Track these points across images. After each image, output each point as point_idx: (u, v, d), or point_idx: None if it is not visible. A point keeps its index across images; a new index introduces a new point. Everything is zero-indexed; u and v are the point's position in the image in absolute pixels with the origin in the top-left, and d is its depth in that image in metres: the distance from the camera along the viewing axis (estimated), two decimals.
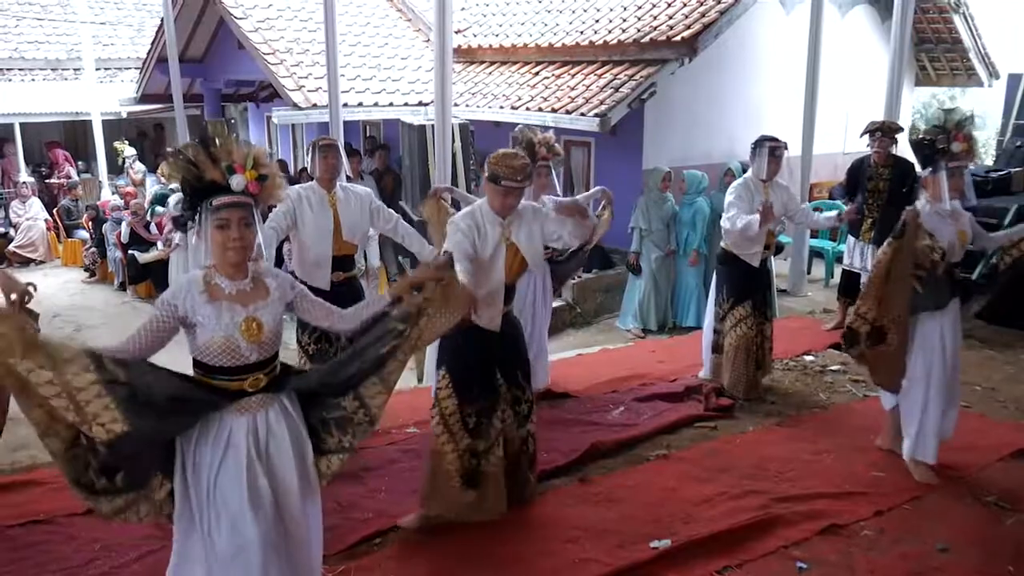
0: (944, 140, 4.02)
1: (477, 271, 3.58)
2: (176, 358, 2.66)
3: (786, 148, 5.32)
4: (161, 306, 2.57)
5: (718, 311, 5.48)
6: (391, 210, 4.87)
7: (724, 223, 5.29)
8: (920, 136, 4.13)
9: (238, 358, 2.61)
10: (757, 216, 5.02)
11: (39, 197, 14.21)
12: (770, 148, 5.22)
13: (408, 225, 4.96)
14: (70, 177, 15.34)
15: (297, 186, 4.76)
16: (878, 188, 6.45)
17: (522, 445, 3.93)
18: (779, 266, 8.27)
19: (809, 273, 8.90)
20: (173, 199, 11.96)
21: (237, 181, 2.56)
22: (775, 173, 5.29)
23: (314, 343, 4.64)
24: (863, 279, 6.62)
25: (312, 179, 4.78)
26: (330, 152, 4.65)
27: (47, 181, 15.55)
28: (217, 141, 2.60)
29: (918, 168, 4.33)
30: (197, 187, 2.58)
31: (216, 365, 2.61)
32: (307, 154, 4.80)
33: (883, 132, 6.39)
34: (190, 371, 2.66)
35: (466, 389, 3.73)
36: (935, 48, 11.59)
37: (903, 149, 6.38)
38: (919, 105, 14.89)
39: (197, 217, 2.62)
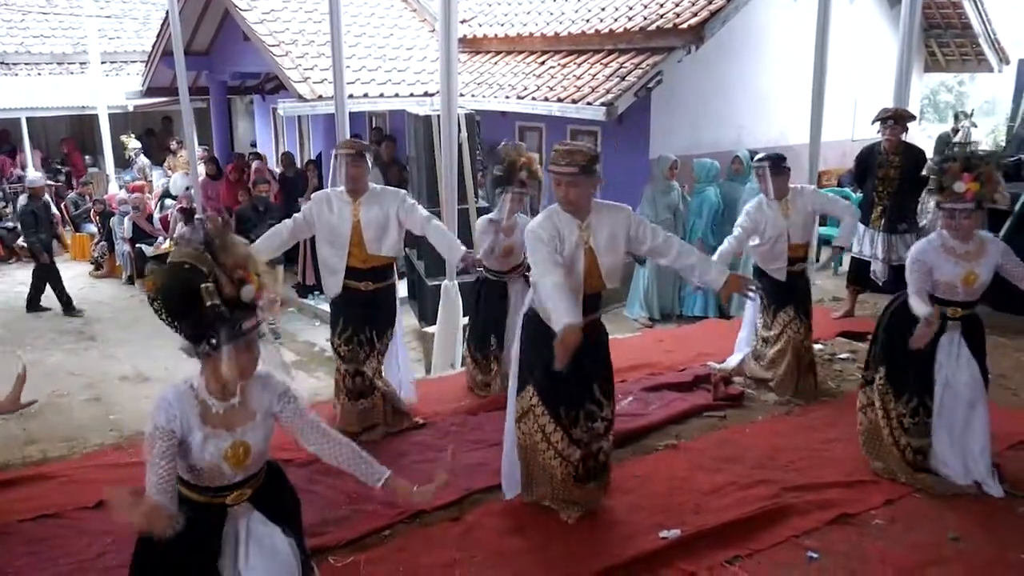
0: (938, 181, 3.75)
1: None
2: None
3: (781, 161, 5.06)
4: (162, 436, 2.31)
5: (765, 319, 5.33)
6: (422, 211, 4.59)
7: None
8: (933, 166, 3.85)
9: (222, 480, 2.43)
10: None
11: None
12: (768, 167, 5.04)
13: (441, 224, 4.73)
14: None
15: (327, 190, 4.63)
16: (888, 175, 6.42)
17: (593, 459, 3.74)
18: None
19: (818, 261, 8.85)
20: (175, 183, 11.97)
21: (248, 292, 2.26)
22: (783, 191, 5.07)
23: (344, 344, 4.60)
24: (872, 267, 6.63)
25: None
26: (350, 161, 4.39)
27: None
28: (222, 242, 2.29)
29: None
30: (223, 311, 2.24)
31: (196, 484, 2.43)
32: (333, 160, 4.56)
33: (895, 120, 6.35)
34: None
35: (555, 401, 3.61)
36: (944, 34, 11.50)
37: (913, 136, 6.34)
38: (928, 91, 14.77)
39: (209, 340, 2.28)
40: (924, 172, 3.98)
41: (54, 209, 13.61)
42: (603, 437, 3.74)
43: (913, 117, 6.63)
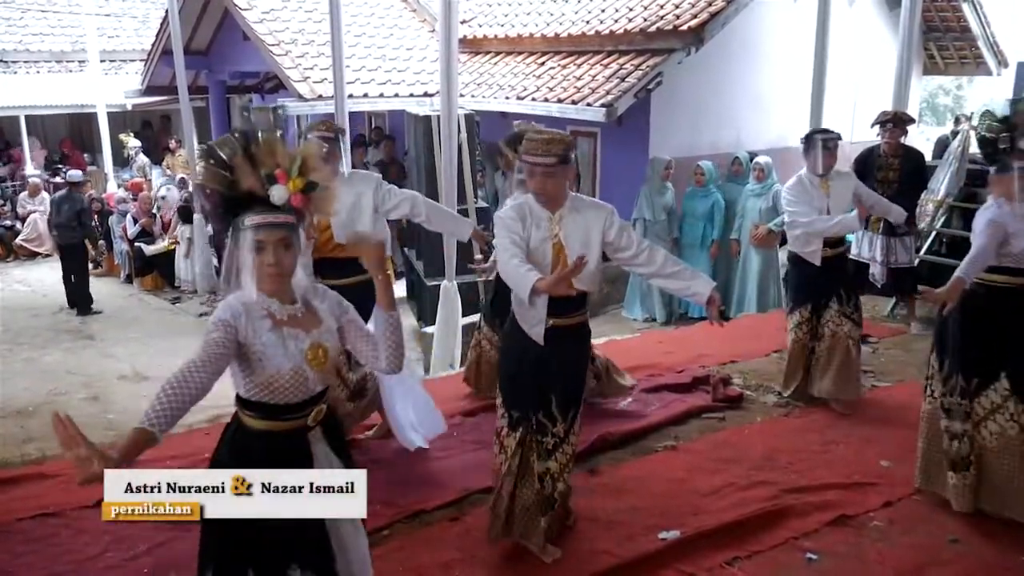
0: (1008, 139, 3.54)
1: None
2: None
3: (839, 139, 4.93)
4: (219, 326, 2.21)
5: (787, 313, 5.22)
6: (403, 190, 4.37)
7: (793, 228, 4.90)
8: (984, 132, 3.66)
9: (305, 391, 2.32)
10: (854, 214, 4.62)
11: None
12: (822, 141, 4.85)
13: (433, 202, 4.48)
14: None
15: None
16: (888, 178, 6.41)
17: (539, 482, 3.37)
18: (785, 255, 8.23)
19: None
20: (163, 190, 12.00)
21: (278, 193, 2.20)
22: (830, 167, 4.88)
23: None
24: (871, 269, 6.63)
25: None
26: (322, 144, 3.99)
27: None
28: (260, 138, 2.23)
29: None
30: (229, 198, 2.23)
31: (281, 403, 2.30)
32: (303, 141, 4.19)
33: (894, 123, 6.35)
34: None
35: (511, 399, 3.36)
36: (944, 36, 11.52)
37: (912, 139, 6.34)
38: (926, 94, 14.79)
39: (230, 232, 2.27)
40: (984, 133, 3.72)
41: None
42: (551, 455, 3.34)
43: (913, 120, 6.63)
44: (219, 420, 5.17)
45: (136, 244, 11.37)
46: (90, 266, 12.52)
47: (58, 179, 15.42)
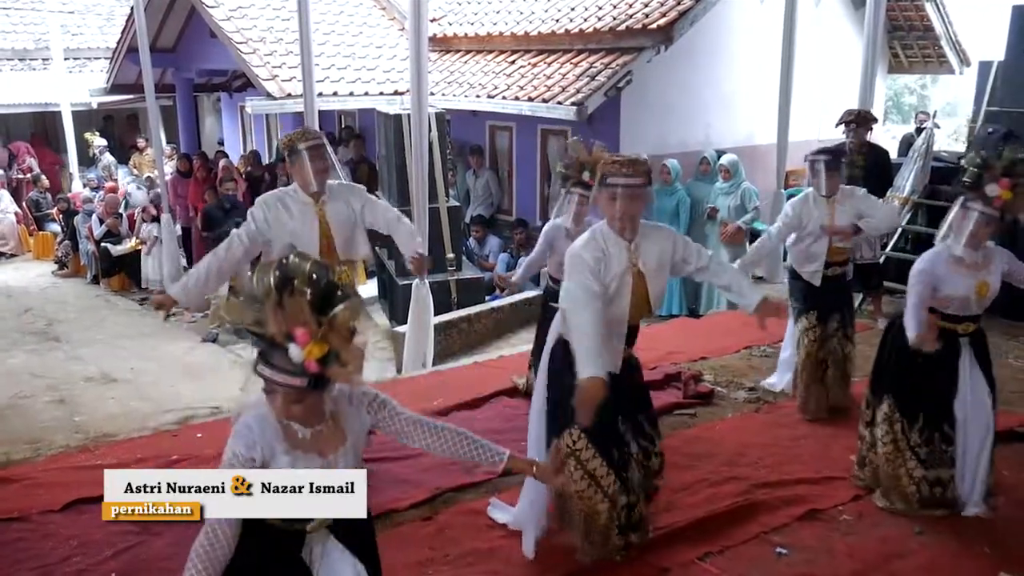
0: (975, 176, 3.44)
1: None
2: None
3: (840, 160, 4.83)
4: (236, 461, 2.16)
5: (793, 321, 4.99)
6: (385, 203, 4.17)
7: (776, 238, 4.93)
8: (964, 165, 3.57)
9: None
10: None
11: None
12: (824, 162, 4.69)
13: (407, 220, 4.24)
14: (32, 170, 15.00)
15: (276, 191, 4.03)
16: (854, 175, 6.49)
17: (646, 501, 3.47)
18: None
19: (785, 260, 8.93)
20: (131, 187, 11.89)
21: (294, 352, 2.02)
22: (834, 189, 4.74)
23: None
24: None
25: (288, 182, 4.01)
26: (317, 153, 3.80)
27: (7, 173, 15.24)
28: (295, 285, 2.02)
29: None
30: (257, 334, 2.08)
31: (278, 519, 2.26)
32: (285, 157, 3.90)
33: (858, 123, 6.46)
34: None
35: (603, 441, 3.27)
36: (907, 35, 11.68)
37: (878, 136, 6.42)
38: (891, 93, 14.99)
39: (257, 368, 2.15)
40: (962, 164, 3.66)
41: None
42: (658, 475, 3.52)
43: (875, 119, 6.74)
44: (187, 422, 5.14)
45: (102, 244, 11.21)
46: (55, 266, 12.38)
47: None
